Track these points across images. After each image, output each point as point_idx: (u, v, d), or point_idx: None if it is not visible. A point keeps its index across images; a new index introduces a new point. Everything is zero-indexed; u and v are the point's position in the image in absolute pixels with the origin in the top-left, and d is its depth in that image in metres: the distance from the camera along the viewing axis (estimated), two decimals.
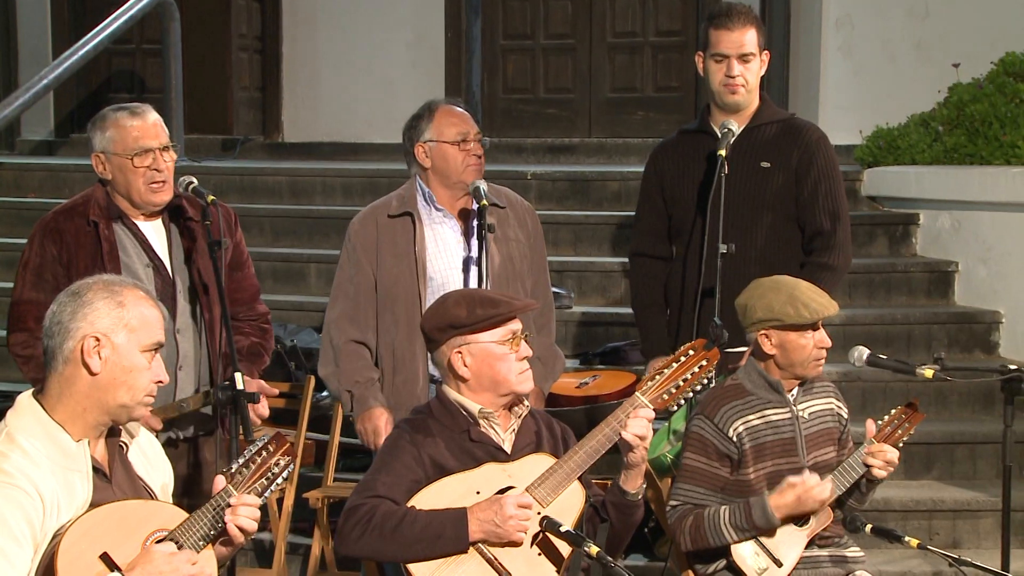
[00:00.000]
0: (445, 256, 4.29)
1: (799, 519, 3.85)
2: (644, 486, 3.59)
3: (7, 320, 4.04)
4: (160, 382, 2.99)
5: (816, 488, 3.78)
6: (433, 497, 3.44)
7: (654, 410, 3.55)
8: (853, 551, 3.98)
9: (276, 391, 4.25)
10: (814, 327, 3.85)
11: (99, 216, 3.96)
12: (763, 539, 3.84)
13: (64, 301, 2.96)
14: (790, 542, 3.85)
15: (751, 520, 3.79)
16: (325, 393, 5.74)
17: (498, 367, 3.51)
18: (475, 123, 4.33)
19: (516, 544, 3.42)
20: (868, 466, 3.85)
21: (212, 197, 3.95)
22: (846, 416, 4.04)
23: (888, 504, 5.35)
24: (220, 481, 3.00)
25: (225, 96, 8.80)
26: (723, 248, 4.28)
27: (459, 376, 3.55)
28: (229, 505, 2.96)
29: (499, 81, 8.70)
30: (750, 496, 3.83)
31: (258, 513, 3.00)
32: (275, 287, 6.73)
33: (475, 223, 4.21)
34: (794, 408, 3.94)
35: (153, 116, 3.99)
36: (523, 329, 3.57)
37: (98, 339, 2.92)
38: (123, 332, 2.93)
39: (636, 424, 3.50)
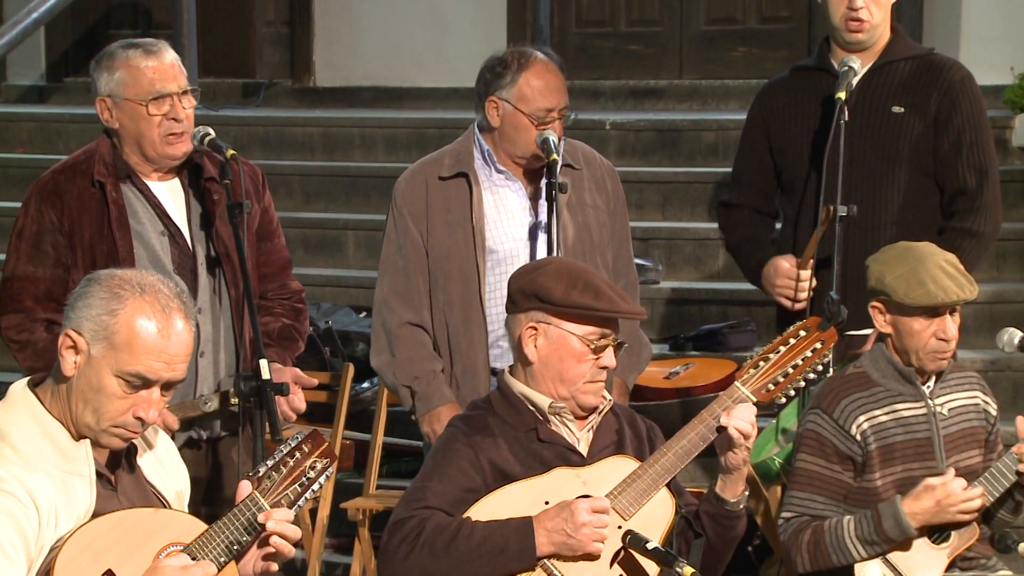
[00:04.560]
0: (508, 224, 4.29)
1: (937, 534, 3.83)
2: (746, 493, 3.58)
3: None
4: (141, 419, 2.93)
5: (962, 494, 3.75)
6: (493, 509, 3.46)
7: (757, 404, 3.55)
8: (1003, 575, 3.96)
9: (315, 381, 4.25)
10: (934, 312, 3.80)
11: (105, 175, 3.99)
12: (893, 558, 3.84)
13: (81, 283, 2.96)
14: (927, 563, 3.84)
15: (881, 530, 3.78)
16: (366, 384, 5.78)
17: (569, 364, 3.51)
18: (565, 92, 4.25)
19: (592, 559, 3.42)
20: (1021, 473, 3.81)
21: (232, 151, 3.97)
22: (994, 413, 4.02)
23: None
24: (245, 487, 3.01)
25: (246, 33, 8.85)
26: (843, 210, 4.25)
27: (524, 357, 3.55)
28: (256, 515, 2.97)
29: (571, 12, 8.66)
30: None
31: (296, 531, 3.00)
32: (306, 258, 6.79)
33: (544, 183, 4.21)
34: (930, 402, 3.92)
35: (171, 55, 4.02)
36: (618, 337, 3.54)
37: (73, 340, 2.90)
38: (102, 345, 2.89)
39: (737, 420, 3.50)
